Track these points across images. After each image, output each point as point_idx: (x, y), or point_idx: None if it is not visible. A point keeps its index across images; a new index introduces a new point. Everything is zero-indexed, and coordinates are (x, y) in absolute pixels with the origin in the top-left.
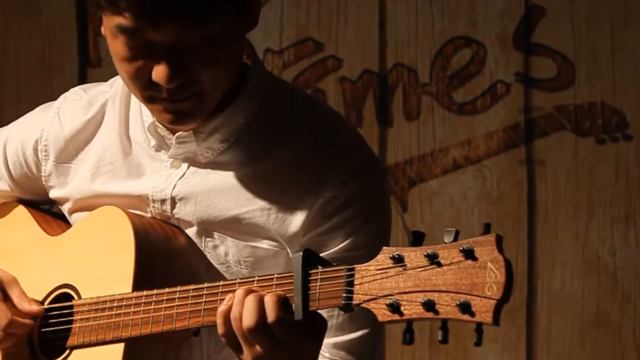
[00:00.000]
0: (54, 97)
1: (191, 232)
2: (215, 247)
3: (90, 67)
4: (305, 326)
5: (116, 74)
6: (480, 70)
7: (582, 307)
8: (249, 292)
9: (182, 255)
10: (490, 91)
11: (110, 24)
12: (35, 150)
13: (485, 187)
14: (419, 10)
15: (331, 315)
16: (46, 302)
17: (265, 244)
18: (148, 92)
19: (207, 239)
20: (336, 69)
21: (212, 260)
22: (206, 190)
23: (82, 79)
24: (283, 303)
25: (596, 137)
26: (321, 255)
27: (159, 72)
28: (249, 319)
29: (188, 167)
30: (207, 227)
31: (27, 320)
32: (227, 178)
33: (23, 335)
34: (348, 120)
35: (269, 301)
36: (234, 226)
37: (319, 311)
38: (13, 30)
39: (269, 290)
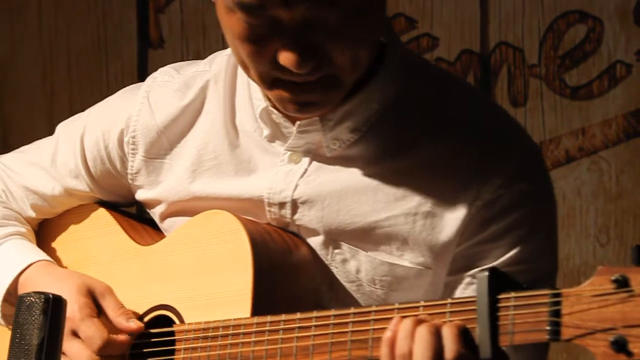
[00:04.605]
0: (109, 82)
1: (315, 242)
2: (344, 261)
3: (151, 48)
4: None
5: (182, 57)
6: (597, 49)
7: None
8: (419, 322)
9: (304, 271)
10: (608, 73)
11: None
12: (121, 142)
13: (602, 182)
14: None
15: None
16: None
17: (406, 262)
18: (271, 75)
19: (335, 250)
20: (431, 48)
21: (338, 277)
22: (336, 191)
23: (142, 63)
24: (465, 336)
25: None
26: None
27: (287, 57)
28: (421, 355)
29: (310, 162)
30: (336, 237)
31: (124, 337)
32: (360, 176)
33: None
34: None
35: (447, 333)
36: (369, 237)
37: None
38: (65, 7)
39: (442, 320)
